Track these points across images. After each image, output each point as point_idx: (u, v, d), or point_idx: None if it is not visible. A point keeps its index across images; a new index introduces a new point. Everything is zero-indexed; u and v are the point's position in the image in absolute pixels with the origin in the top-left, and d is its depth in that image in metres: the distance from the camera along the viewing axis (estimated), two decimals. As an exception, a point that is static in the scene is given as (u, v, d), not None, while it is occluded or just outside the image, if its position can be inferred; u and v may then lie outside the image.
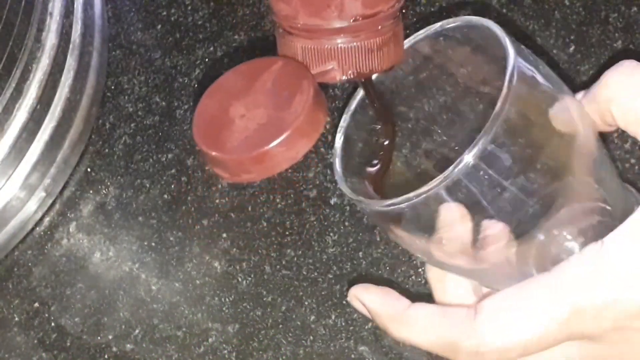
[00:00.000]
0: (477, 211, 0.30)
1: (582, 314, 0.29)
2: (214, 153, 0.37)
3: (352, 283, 0.48)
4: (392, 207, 0.31)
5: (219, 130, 0.38)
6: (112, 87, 0.60)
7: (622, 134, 0.46)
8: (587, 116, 0.33)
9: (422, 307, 0.33)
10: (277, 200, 0.52)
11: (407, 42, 0.37)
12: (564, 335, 0.29)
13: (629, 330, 0.29)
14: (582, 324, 0.29)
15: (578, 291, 0.29)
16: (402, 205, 0.31)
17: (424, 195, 0.30)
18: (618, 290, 0.28)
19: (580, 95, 0.34)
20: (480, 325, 0.30)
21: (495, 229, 0.31)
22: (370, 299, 0.35)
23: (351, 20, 0.37)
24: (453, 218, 0.31)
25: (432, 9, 0.53)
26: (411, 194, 0.30)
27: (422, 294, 0.43)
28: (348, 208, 0.51)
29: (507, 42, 0.31)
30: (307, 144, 0.37)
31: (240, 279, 0.51)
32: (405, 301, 0.34)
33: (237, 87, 0.40)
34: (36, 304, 0.55)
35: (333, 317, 0.48)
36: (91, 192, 0.58)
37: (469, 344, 0.30)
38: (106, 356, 0.52)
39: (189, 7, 0.61)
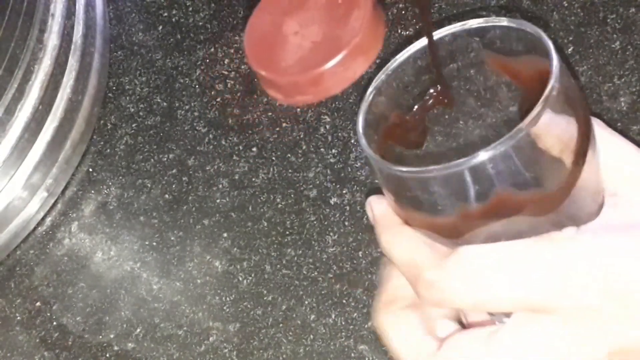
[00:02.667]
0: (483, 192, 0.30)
1: (556, 285, 0.29)
2: (267, 74, 0.34)
3: (352, 283, 0.49)
4: (424, 174, 0.29)
5: (272, 49, 0.35)
6: (114, 88, 0.61)
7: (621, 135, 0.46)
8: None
9: (414, 231, 0.34)
10: (278, 200, 0.53)
11: (446, 31, 0.34)
12: (531, 303, 0.30)
13: (604, 312, 0.29)
14: (555, 295, 0.29)
15: (557, 264, 0.29)
16: (435, 174, 0.29)
17: (466, 166, 0.28)
18: (594, 273, 0.29)
19: None
20: (449, 263, 0.31)
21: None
22: (378, 208, 0.36)
23: None
24: None
25: (432, 11, 0.54)
26: (454, 162, 0.29)
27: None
28: (348, 208, 0.51)
29: (550, 47, 0.30)
30: (366, 63, 0.34)
31: (240, 278, 0.51)
32: (401, 221, 0.35)
33: (288, 2, 0.36)
34: (38, 303, 0.55)
35: (333, 316, 0.48)
36: (93, 192, 0.58)
37: (431, 275, 0.31)
38: (108, 355, 0.52)
39: (190, 8, 0.61)
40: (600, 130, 0.33)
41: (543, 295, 0.29)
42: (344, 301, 0.48)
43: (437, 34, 0.34)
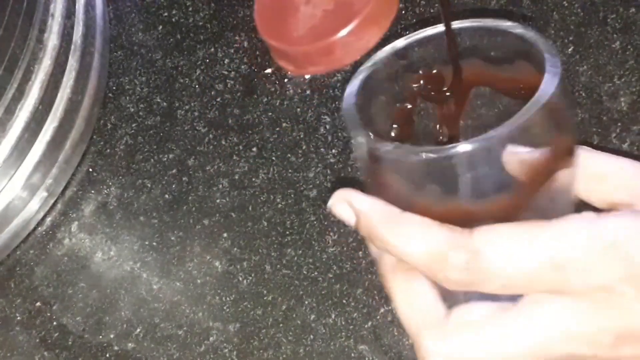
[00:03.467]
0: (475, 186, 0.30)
1: (575, 264, 0.29)
2: (278, 44, 0.33)
3: (352, 283, 0.49)
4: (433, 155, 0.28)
5: (283, 18, 0.33)
6: (114, 88, 0.61)
7: (621, 134, 0.46)
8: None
9: (417, 216, 0.31)
10: (278, 200, 0.53)
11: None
12: (552, 281, 0.29)
13: (616, 294, 0.29)
14: (572, 274, 0.29)
15: (577, 243, 0.29)
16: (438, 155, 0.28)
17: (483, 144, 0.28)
18: (614, 254, 0.29)
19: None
20: (477, 243, 0.29)
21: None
22: (362, 199, 0.32)
23: None
24: None
25: (432, 10, 0.54)
26: (468, 141, 0.28)
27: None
28: (348, 208, 0.51)
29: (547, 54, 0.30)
30: (379, 32, 0.32)
31: (240, 279, 0.51)
32: (396, 208, 0.31)
33: None
34: (38, 303, 0.55)
35: (333, 316, 0.48)
36: (93, 192, 0.58)
37: (461, 257, 0.29)
38: (108, 355, 0.52)
39: (190, 9, 0.61)
40: (601, 156, 0.33)
41: (560, 275, 0.29)
42: (344, 301, 0.48)
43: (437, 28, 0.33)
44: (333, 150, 0.53)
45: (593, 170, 0.33)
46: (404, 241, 0.30)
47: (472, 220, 0.30)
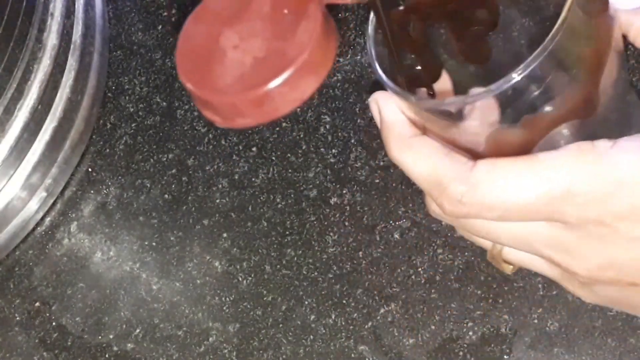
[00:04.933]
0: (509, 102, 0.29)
1: (573, 197, 0.29)
2: (202, 93, 0.30)
3: (352, 283, 0.48)
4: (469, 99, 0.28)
5: (208, 65, 0.31)
6: (113, 88, 0.61)
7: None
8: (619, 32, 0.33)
9: (430, 140, 0.31)
10: (278, 200, 0.53)
11: None
12: (547, 212, 0.29)
13: (609, 228, 0.29)
14: (569, 206, 0.29)
15: (578, 175, 0.29)
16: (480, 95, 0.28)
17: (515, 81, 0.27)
18: (616, 189, 0.29)
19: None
20: (475, 176, 0.30)
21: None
22: (390, 108, 0.32)
23: None
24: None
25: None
26: (500, 82, 0.27)
27: (422, 296, 0.43)
28: (348, 208, 0.51)
29: None
30: (315, 82, 0.30)
31: (240, 279, 0.51)
32: (416, 130, 0.32)
33: (228, 10, 0.32)
34: (37, 304, 0.55)
35: (333, 316, 0.48)
36: (92, 192, 0.58)
37: (457, 188, 0.30)
38: (107, 355, 0.52)
39: (190, 8, 0.61)
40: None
41: (564, 208, 0.29)
42: (344, 301, 0.48)
43: None
44: (333, 150, 0.53)
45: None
46: (410, 163, 0.31)
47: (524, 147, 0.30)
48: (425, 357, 0.46)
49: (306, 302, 0.49)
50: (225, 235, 0.53)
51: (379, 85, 0.32)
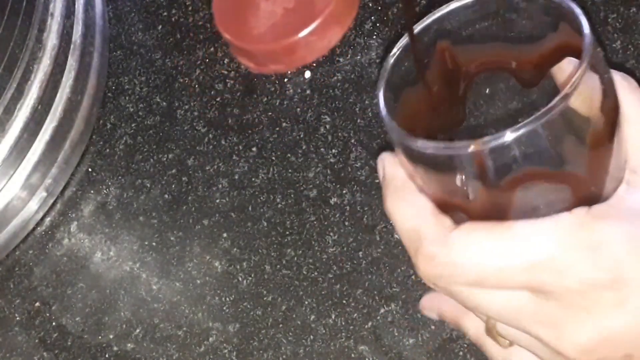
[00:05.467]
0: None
1: (550, 265, 0.28)
2: (238, 42, 0.32)
3: (352, 283, 0.48)
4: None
5: (243, 16, 0.33)
6: (113, 88, 0.61)
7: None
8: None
9: (423, 199, 0.32)
10: (278, 200, 0.53)
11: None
12: (524, 280, 0.29)
13: (591, 299, 0.29)
14: (547, 275, 0.29)
15: (558, 243, 0.29)
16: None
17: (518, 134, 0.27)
18: (595, 254, 0.28)
19: None
20: (451, 237, 0.30)
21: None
22: (390, 167, 0.34)
23: None
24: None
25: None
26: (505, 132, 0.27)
27: (422, 296, 0.43)
28: (348, 208, 0.51)
29: (583, 20, 0.29)
30: (341, 31, 0.32)
31: (240, 279, 0.51)
32: (414, 187, 0.33)
33: None
34: (37, 304, 0.55)
35: (333, 316, 0.48)
36: (92, 192, 0.58)
37: (430, 247, 0.30)
38: (107, 355, 0.52)
39: (190, 8, 0.61)
40: (632, 97, 0.32)
41: (533, 275, 0.29)
42: (344, 301, 0.48)
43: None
44: (333, 150, 0.53)
45: (627, 115, 0.31)
46: (398, 217, 0.32)
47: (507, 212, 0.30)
48: (425, 357, 0.46)
49: (306, 302, 0.49)
50: (225, 235, 0.53)
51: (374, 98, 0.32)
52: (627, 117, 0.31)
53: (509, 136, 0.28)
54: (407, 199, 0.32)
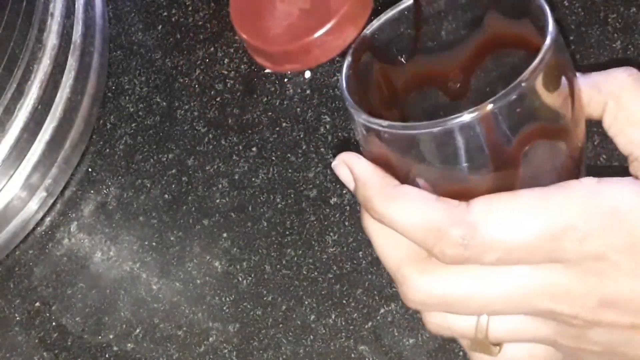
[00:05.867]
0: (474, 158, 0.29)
1: (572, 233, 0.28)
2: (255, 42, 0.33)
3: (352, 283, 0.48)
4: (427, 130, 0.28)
5: (260, 16, 0.33)
6: (113, 88, 0.61)
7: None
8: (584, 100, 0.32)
9: (414, 188, 0.30)
10: (278, 200, 0.53)
11: None
12: (547, 250, 0.29)
13: (608, 262, 0.29)
14: (568, 242, 0.28)
15: (575, 211, 0.29)
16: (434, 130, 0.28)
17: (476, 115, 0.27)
18: (612, 220, 0.28)
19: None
20: (474, 216, 0.29)
21: None
22: (362, 166, 0.31)
23: None
24: None
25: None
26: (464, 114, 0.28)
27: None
28: (348, 208, 0.51)
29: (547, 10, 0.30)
30: (355, 31, 0.32)
31: (240, 279, 0.51)
32: (395, 180, 0.31)
33: None
34: (37, 304, 0.55)
35: (333, 316, 0.48)
36: (92, 192, 0.58)
37: (457, 232, 0.29)
38: (107, 355, 0.52)
39: (190, 8, 0.61)
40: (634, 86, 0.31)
41: (557, 244, 0.29)
42: (344, 301, 0.48)
43: None
44: (333, 150, 0.53)
45: (630, 112, 0.31)
46: (400, 215, 0.30)
47: (474, 192, 0.30)
48: (425, 357, 0.46)
49: (306, 302, 0.49)
50: (225, 235, 0.53)
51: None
52: (633, 121, 0.31)
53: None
54: (399, 194, 0.30)
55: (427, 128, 0.28)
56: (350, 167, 0.32)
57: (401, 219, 0.30)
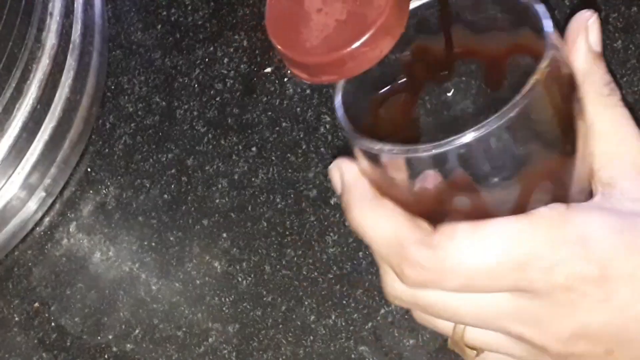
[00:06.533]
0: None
1: (538, 262, 0.28)
2: (292, 54, 0.33)
3: (352, 283, 0.48)
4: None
5: (295, 27, 0.34)
6: (112, 87, 0.60)
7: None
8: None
9: (392, 204, 0.31)
10: (277, 200, 0.52)
11: None
12: (513, 279, 0.28)
13: (577, 292, 0.28)
14: (535, 272, 0.28)
15: (541, 240, 0.28)
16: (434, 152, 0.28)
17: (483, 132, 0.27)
18: (580, 249, 0.28)
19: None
20: (436, 239, 0.29)
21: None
22: (350, 173, 0.32)
23: None
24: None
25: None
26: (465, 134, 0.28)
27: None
28: (348, 208, 0.51)
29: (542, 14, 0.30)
30: (392, 41, 0.33)
31: (240, 279, 0.51)
32: (376, 193, 0.32)
33: None
34: (36, 304, 0.55)
35: (333, 317, 0.48)
36: (91, 192, 0.58)
37: (418, 252, 0.29)
38: (106, 356, 0.52)
39: (189, 7, 0.61)
40: (603, 110, 0.31)
41: (522, 274, 0.28)
42: (344, 302, 0.48)
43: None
44: (333, 150, 0.53)
45: (597, 128, 0.31)
46: (371, 226, 0.31)
47: (456, 216, 0.30)
48: (425, 357, 0.46)
49: (306, 303, 0.49)
50: (224, 235, 0.53)
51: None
52: (597, 132, 0.31)
53: (470, 136, 0.28)
54: (376, 206, 0.31)
55: (419, 152, 0.29)
56: (341, 172, 0.33)
57: (371, 230, 0.31)
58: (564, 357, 0.30)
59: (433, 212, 0.31)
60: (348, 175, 0.32)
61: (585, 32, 0.31)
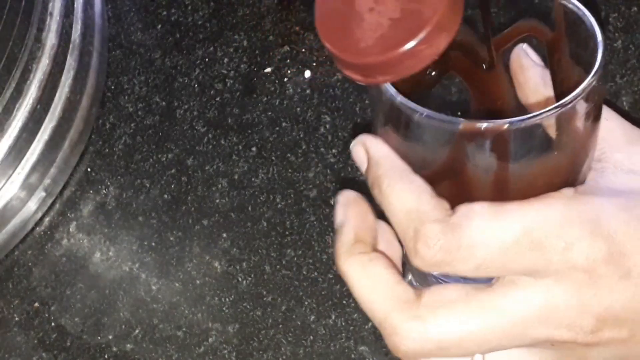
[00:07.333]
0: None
1: (555, 241, 0.28)
2: (345, 56, 0.33)
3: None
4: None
5: (348, 28, 0.33)
6: (112, 87, 0.60)
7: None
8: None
9: (420, 180, 0.31)
10: (277, 200, 0.52)
11: None
12: (531, 260, 0.29)
13: (597, 274, 0.28)
14: (553, 253, 0.28)
15: (556, 220, 0.29)
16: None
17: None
18: (594, 231, 0.28)
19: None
20: (455, 219, 0.29)
21: None
22: (378, 147, 0.32)
23: None
24: None
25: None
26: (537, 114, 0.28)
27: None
28: (348, 208, 0.51)
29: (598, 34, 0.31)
30: (448, 38, 0.33)
31: (240, 279, 0.51)
32: (406, 166, 0.31)
33: None
34: (36, 304, 0.55)
35: (333, 317, 0.48)
36: (91, 192, 0.57)
37: (435, 230, 0.29)
38: (106, 356, 0.52)
39: (189, 7, 0.61)
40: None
41: (538, 254, 0.28)
42: (344, 302, 0.48)
43: None
44: (333, 150, 0.52)
45: None
46: (396, 197, 0.30)
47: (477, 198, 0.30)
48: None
49: (306, 303, 0.49)
50: (224, 235, 0.53)
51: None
52: None
53: (520, 121, 0.28)
54: (407, 180, 0.31)
55: (464, 124, 0.29)
56: (367, 148, 0.32)
57: (396, 201, 0.30)
58: (591, 347, 0.30)
59: (455, 192, 0.31)
60: (376, 149, 0.32)
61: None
